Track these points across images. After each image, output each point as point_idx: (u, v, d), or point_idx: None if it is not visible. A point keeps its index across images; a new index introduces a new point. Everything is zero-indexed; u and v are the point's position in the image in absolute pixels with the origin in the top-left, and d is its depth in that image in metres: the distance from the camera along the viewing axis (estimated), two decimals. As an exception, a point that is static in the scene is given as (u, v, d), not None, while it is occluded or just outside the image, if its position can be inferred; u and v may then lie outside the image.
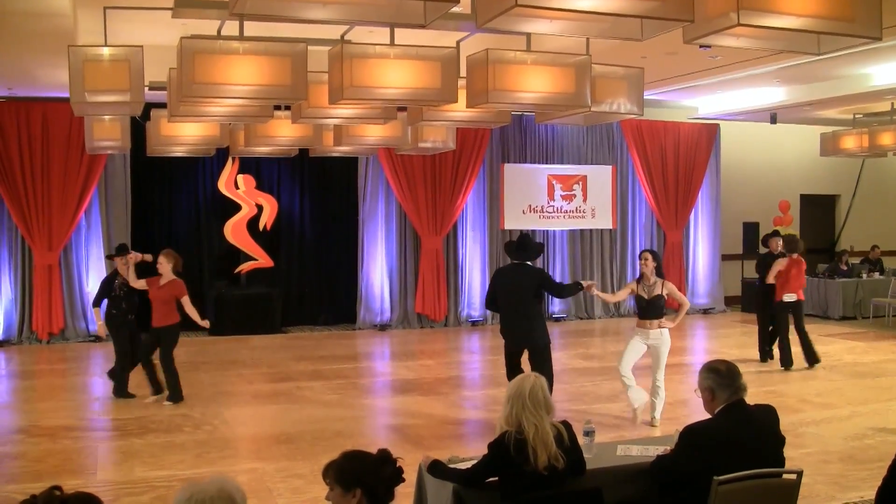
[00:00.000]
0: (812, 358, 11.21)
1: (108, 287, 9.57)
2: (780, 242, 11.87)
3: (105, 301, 9.59)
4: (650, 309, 8.05)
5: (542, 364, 7.79)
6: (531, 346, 7.98)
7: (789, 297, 11.23)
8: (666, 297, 8.09)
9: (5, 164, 13.10)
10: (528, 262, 8.08)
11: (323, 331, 14.96)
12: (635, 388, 8.11)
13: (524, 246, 8.09)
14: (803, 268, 11.42)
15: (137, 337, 9.59)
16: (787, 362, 11.10)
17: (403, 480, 3.38)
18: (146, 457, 7.30)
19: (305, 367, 11.51)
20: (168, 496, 6.24)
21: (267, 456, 7.40)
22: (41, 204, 13.26)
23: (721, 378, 4.27)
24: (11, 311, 13.36)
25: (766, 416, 4.34)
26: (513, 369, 7.89)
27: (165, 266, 9.21)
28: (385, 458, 3.33)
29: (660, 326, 8.05)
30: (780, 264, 11.33)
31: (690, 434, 4.25)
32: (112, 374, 9.59)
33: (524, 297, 7.93)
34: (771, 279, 11.31)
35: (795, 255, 11.31)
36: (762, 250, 12.63)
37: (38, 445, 7.70)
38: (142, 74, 6.74)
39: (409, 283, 15.30)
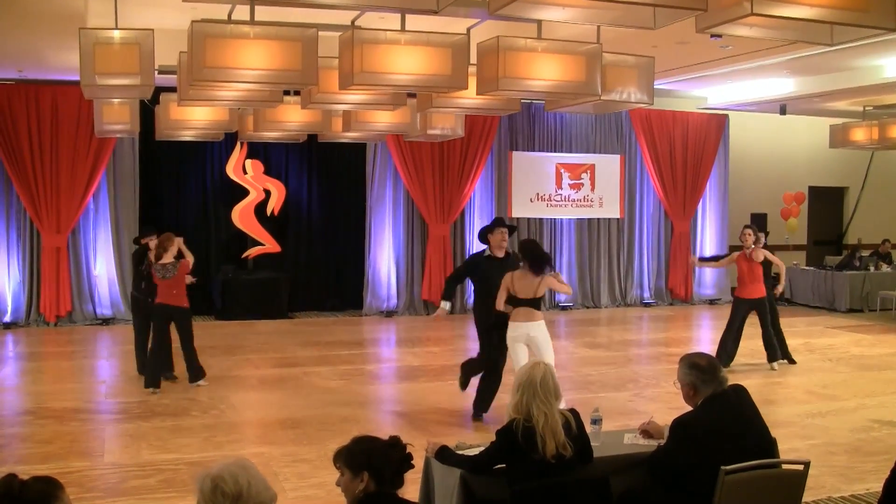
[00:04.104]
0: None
1: (138, 264, 9.64)
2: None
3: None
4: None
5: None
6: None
7: None
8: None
9: (14, 146, 13.14)
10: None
11: (329, 316, 14.99)
12: None
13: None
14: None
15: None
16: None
17: (413, 466, 3.40)
18: (153, 440, 7.33)
19: (312, 352, 11.53)
20: (175, 479, 6.28)
21: (273, 440, 7.43)
22: (50, 186, 13.29)
23: (703, 374, 4.28)
24: (19, 294, 13.42)
25: (742, 397, 4.36)
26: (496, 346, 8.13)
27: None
28: (394, 442, 3.35)
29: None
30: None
31: (681, 426, 4.26)
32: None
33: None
34: None
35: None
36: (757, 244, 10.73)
37: (46, 427, 7.74)
38: (152, 58, 6.73)
39: (415, 270, 15.31)
